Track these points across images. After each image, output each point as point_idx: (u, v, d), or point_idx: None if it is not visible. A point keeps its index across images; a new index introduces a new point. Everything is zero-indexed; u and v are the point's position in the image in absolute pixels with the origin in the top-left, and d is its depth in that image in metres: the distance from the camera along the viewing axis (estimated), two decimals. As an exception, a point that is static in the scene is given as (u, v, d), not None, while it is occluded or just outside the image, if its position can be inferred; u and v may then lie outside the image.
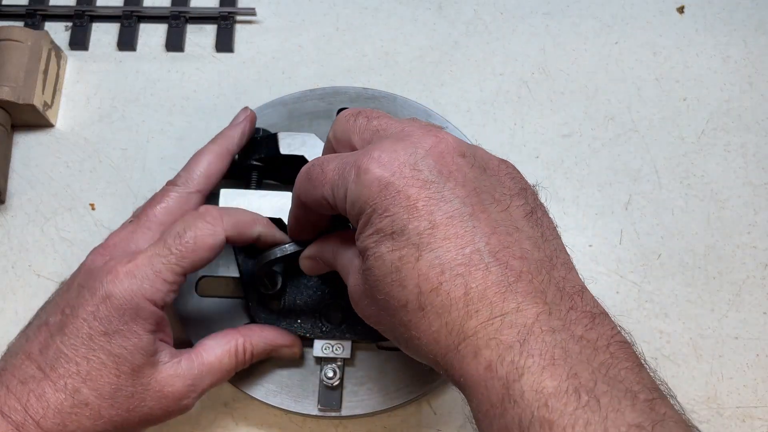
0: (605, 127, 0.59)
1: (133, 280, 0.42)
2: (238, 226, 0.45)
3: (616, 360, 0.33)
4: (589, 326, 0.34)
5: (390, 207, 0.35)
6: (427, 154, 0.36)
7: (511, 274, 0.34)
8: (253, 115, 0.53)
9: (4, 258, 0.57)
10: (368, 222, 0.36)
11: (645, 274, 0.55)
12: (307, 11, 0.64)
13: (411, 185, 0.36)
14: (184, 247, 0.43)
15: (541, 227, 0.37)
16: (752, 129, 0.59)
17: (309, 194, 0.41)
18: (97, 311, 0.42)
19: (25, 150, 0.59)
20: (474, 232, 0.35)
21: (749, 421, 0.52)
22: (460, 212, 0.35)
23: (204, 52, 0.63)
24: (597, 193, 0.58)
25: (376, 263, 0.36)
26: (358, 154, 0.38)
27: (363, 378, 0.50)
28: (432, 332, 0.35)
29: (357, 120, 0.41)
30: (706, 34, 0.62)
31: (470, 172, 0.37)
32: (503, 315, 0.33)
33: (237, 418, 0.52)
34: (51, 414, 0.40)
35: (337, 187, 0.38)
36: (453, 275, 0.34)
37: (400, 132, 0.38)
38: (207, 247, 0.44)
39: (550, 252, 0.36)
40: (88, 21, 0.63)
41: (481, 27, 0.63)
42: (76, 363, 0.41)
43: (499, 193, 0.37)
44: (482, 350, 0.33)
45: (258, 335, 0.48)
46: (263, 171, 0.53)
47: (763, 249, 0.56)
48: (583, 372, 0.31)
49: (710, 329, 0.54)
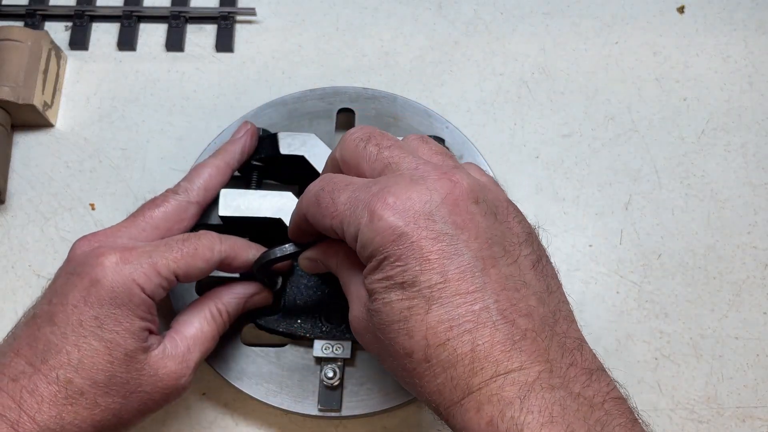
0: (605, 127, 0.59)
1: (127, 266, 0.42)
2: (234, 248, 0.46)
3: (611, 417, 0.34)
4: (586, 383, 0.35)
5: (402, 257, 0.36)
6: (443, 202, 0.37)
7: (516, 333, 0.35)
8: (254, 129, 0.53)
9: (4, 258, 0.57)
10: (379, 267, 0.37)
11: (645, 274, 0.55)
12: (307, 11, 0.64)
13: (425, 237, 0.36)
14: (186, 249, 0.44)
15: (546, 278, 0.38)
16: (752, 129, 0.59)
17: (317, 220, 0.40)
18: (87, 296, 0.42)
19: (25, 150, 0.59)
20: (484, 289, 0.35)
21: (749, 421, 0.52)
22: (472, 267, 0.36)
23: (204, 52, 0.63)
24: (597, 193, 0.58)
25: (384, 308, 0.37)
26: (371, 193, 0.37)
27: (363, 378, 0.50)
28: (436, 384, 0.35)
29: (367, 147, 0.40)
30: (706, 34, 0.62)
31: (483, 221, 0.37)
32: (507, 373, 0.34)
33: (237, 419, 0.52)
34: (46, 407, 0.40)
35: (348, 224, 0.38)
36: (461, 332, 0.35)
37: (414, 172, 0.38)
38: (205, 259, 0.45)
39: (554, 306, 0.37)
40: (88, 21, 0.63)
41: (481, 27, 0.63)
42: (66, 352, 0.41)
43: (509, 242, 0.38)
44: (484, 406, 0.34)
45: (227, 294, 0.48)
46: (263, 171, 0.53)
47: (764, 249, 0.56)
48: (579, 429, 0.33)
49: (710, 329, 0.54)
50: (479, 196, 0.38)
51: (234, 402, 0.52)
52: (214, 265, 0.46)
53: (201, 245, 0.45)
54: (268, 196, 0.49)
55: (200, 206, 0.50)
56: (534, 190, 0.58)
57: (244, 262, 0.47)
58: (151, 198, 0.49)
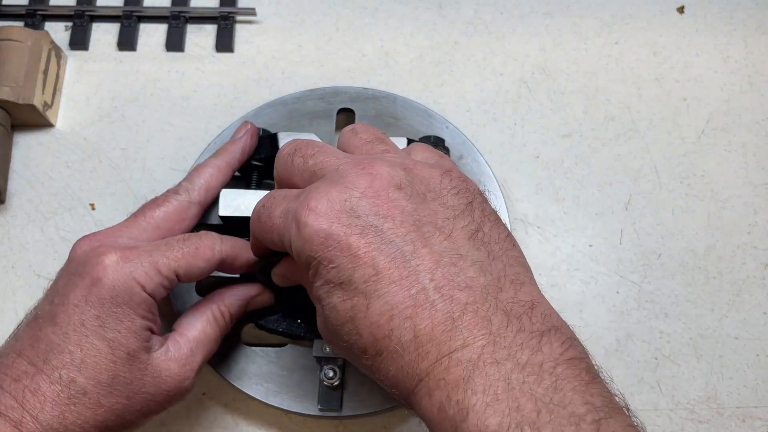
0: (605, 127, 0.59)
1: (127, 264, 0.42)
2: (235, 248, 0.47)
3: (563, 382, 0.32)
4: (535, 348, 0.33)
5: (334, 258, 0.36)
6: (362, 195, 0.36)
7: (456, 308, 0.34)
8: (254, 129, 0.53)
9: (4, 258, 0.57)
10: (316, 273, 0.37)
11: (645, 274, 0.55)
12: (307, 11, 0.64)
13: (350, 234, 0.36)
14: (187, 248, 0.44)
15: (487, 246, 0.37)
16: (752, 129, 0.59)
17: (261, 236, 0.41)
18: (88, 295, 0.41)
19: (25, 150, 0.59)
20: (418, 271, 0.35)
21: (749, 421, 0.52)
22: (402, 253, 0.35)
23: (204, 52, 0.63)
24: (597, 193, 0.58)
25: (331, 313, 0.37)
26: (297, 202, 0.38)
27: (363, 378, 0.50)
28: (391, 376, 0.35)
29: (294, 160, 0.41)
30: (706, 34, 0.62)
31: (408, 205, 0.37)
32: (450, 353, 0.33)
33: (237, 418, 0.52)
34: (48, 407, 0.40)
35: (284, 236, 0.39)
36: (402, 318, 0.34)
37: (335, 173, 0.38)
38: (205, 259, 0.45)
39: (497, 272, 0.36)
40: (88, 21, 0.63)
41: (481, 27, 0.63)
42: (69, 352, 0.41)
43: (442, 219, 0.37)
44: (434, 392, 0.33)
45: (228, 295, 0.48)
46: (263, 171, 0.53)
47: (764, 249, 0.56)
48: (526, 403, 0.31)
49: (710, 329, 0.54)
50: (401, 181, 0.37)
51: (234, 402, 0.52)
52: (214, 265, 0.46)
53: (202, 245, 0.45)
54: (268, 196, 0.49)
55: (201, 206, 0.50)
56: (534, 190, 0.58)
57: (245, 263, 0.47)
58: (152, 198, 0.49)
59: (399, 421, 0.52)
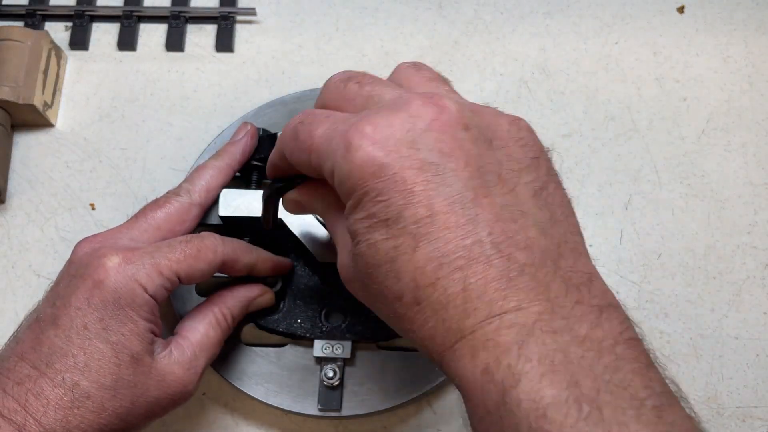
0: (605, 127, 0.59)
1: (129, 266, 0.42)
2: (236, 251, 0.46)
3: (623, 362, 0.30)
4: (595, 323, 0.31)
5: (384, 191, 0.33)
6: (427, 128, 0.33)
7: (513, 268, 0.32)
8: (254, 129, 0.53)
9: (4, 258, 0.57)
10: (359, 204, 0.34)
11: (645, 274, 0.55)
12: (307, 11, 0.64)
13: (408, 167, 0.32)
14: (189, 250, 0.44)
15: (550, 207, 0.35)
16: (752, 129, 0.59)
17: (294, 155, 0.38)
18: (91, 297, 0.41)
19: (25, 150, 0.59)
20: (476, 221, 0.32)
21: (749, 421, 0.52)
22: (462, 198, 0.32)
23: (204, 52, 0.63)
24: (597, 192, 0.58)
25: (368, 251, 0.34)
26: (349, 123, 0.34)
27: (363, 378, 0.50)
28: (428, 328, 0.33)
29: (348, 85, 0.38)
30: (706, 34, 0.62)
31: (474, 149, 0.34)
32: (502, 314, 0.31)
33: (237, 418, 0.52)
34: (52, 411, 0.39)
35: (324, 158, 0.35)
36: (451, 269, 0.32)
37: (397, 100, 0.35)
38: (207, 260, 0.44)
39: (558, 237, 0.34)
40: (88, 21, 0.63)
41: (481, 27, 0.63)
42: (72, 355, 0.40)
43: (506, 170, 0.34)
44: (479, 352, 0.31)
45: (230, 297, 0.48)
46: (264, 171, 0.53)
47: (764, 249, 0.56)
48: (585, 379, 0.29)
49: (710, 329, 0.54)
50: (470, 122, 0.34)
51: (234, 402, 0.52)
52: (216, 267, 0.45)
53: (204, 246, 0.45)
54: (268, 196, 0.49)
55: (202, 208, 0.50)
56: (534, 190, 0.58)
57: (246, 266, 0.47)
58: (152, 199, 0.49)
59: (399, 421, 0.52)
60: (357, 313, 0.50)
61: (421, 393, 0.50)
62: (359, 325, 0.50)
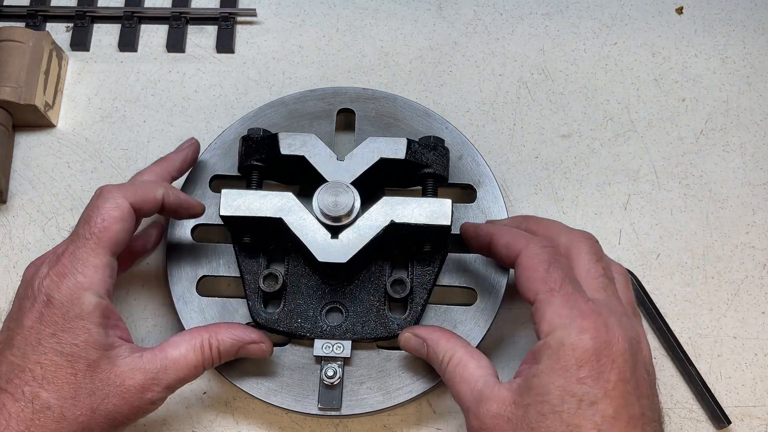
0: (604, 127, 0.60)
1: (66, 277, 0.43)
2: (139, 191, 0.46)
3: None
4: None
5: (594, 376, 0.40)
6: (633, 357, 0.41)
7: None
8: (197, 144, 0.55)
9: (5, 258, 0.57)
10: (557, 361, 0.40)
11: (644, 273, 0.55)
12: (307, 12, 0.64)
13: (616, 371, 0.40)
14: (96, 228, 0.44)
15: None
16: (751, 129, 0.59)
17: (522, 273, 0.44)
18: (41, 316, 0.42)
19: (26, 150, 0.60)
20: None
21: (748, 420, 0.52)
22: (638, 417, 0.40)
23: (205, 52, 0.63)
24: (596, 193, 0.58)
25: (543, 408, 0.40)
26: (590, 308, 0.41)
27: (363, 377, 0.51)
28: None
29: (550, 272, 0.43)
30: (704, 35, 0.63)
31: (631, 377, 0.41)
32: None
33: (237, 417, 0.52)
34: (14, 423, 0.41)
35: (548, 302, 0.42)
36: None
37: None
38: (116, 220, 0.45)
39: None
40: (89, 22, 0.63)
41: (481, 27, 0.63)
42: (29, 370, 0.42)
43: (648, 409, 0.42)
44: None
45: (225, 332, 0.48)
46: (264, 171, 0.53)
47: (762, 249, 0.56)
48: None
49: (709, 329, 0.54)
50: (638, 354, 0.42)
51: (234, 401, 0.52)
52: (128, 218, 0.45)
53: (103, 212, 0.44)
54: (268, 196, 0.49)
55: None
56: (533, 190, 0.58)
57: (156, 203, 0.47)
58: None
59: (399, 421, 0.52)
60: (357, 313, 0.51)
61: (421, 392, 0.50)
62: (359, 324, 0.50)
